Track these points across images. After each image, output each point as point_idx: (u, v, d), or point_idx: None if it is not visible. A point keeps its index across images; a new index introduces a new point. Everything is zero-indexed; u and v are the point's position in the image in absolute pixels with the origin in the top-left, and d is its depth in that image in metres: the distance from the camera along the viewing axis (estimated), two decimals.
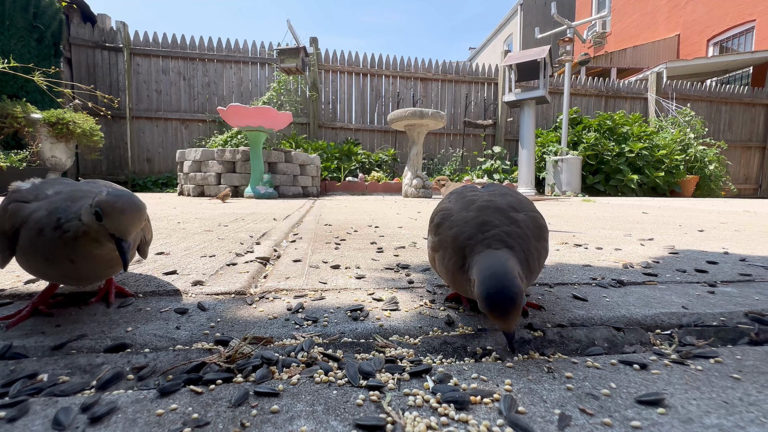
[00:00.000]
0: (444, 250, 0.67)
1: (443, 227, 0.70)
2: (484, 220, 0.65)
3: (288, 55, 6.15)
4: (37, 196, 0.64)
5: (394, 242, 1.51)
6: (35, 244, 0.59)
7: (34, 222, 0.60)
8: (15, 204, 0.63)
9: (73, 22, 7.05)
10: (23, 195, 0.64)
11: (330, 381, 0.48)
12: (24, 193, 0.65)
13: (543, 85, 6.87)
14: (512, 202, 0.70)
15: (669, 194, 8.37)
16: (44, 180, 0.69)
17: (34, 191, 0.65)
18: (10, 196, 0.65)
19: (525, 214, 0.68)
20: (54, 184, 0.68)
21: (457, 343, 0.61)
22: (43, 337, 0.60)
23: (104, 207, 0.54)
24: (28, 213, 0.61)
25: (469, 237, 0.63)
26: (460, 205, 0.72)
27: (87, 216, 0.56)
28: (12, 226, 0.61)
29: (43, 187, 0.66)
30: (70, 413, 0.40)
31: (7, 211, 0.62)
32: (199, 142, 7.64)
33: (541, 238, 0.67)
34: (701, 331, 0.67)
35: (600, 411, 0.42)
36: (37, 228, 0.59)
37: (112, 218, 0.54)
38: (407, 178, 5.71)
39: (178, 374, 0.49)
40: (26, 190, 0.65)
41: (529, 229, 0.65)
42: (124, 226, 0.55)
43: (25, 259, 0.62)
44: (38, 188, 0.66)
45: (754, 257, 1.29)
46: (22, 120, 4.94)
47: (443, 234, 0.68)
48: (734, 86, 9.90)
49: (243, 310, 0.73)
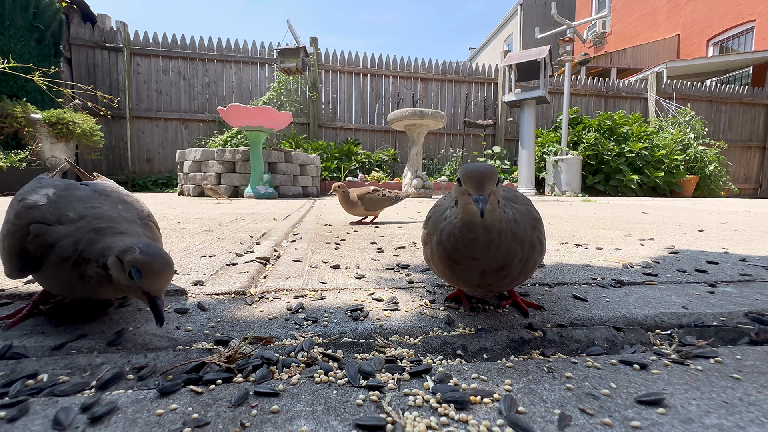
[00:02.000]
0: (430, 236, 0.70)
1: (431, 221, 0.72)
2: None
3: (288, 55, 6.15)
4: (60, 219, 0.62)
5: (394, 242, 1.51)
6: (58, 274, 0.60)
7: (60, 254, 0.59)
8: (38, 226, 0.61)
9: (73, 22, 7.05)
10: (44, 215, 0.62)
11: (330, 381, 0.48)
12: (44, 211, 0.62)
13: (543, 85, 6.87)
14: (509, 196, 0.71)
15: (669, 194, 8.37)
16: (56, 192, 0.67)
17: (54, 211, 0.63)
18: (28, 214, 0.62)
19: (522, 205, 0.70)
20: (70, 200, 0.66)
21: (457, 343, 0.61)
22: (43, 337, 0.60)
23: (142, 269, 0.54)
24: (54, 240, 0.60)
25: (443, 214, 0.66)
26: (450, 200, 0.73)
27: (117, 272, 0.56)
28: (37, 249, 0.60)
29: (60, 205, 0.64)
30: (70, 413, 0.40)
31: (30, 233, 0.60)
32: (199, 142, 7.64)
33: (536, 229, 0.67)
34: (701, 331, 0.67)
35: (600, 411, 0.42)
36: (63, 262, 0.59)
37: (149, 280, 0.54)
38: (407, 178, 5.71)
39: (178, 374, 0.49)
40: (45, 209, 0.63)
41: (524, 216, 0.66)
42: (159, 287, 0.56)
43: (46, 281, 0.63)
44: (56, 206, 0.63)
45: (754, 257, 1.29)
46: (22, 120, 4.95)
47: (431, 227, 0.71)
48: (734, 86, 9.90)
49: (243, 310, 0.73)
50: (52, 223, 0.61)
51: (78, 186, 0.71)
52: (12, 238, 0.62)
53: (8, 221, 0.64)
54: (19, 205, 0.65)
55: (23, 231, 0.61)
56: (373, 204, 2.12)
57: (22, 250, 0.61)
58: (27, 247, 0.60)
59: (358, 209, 2.11)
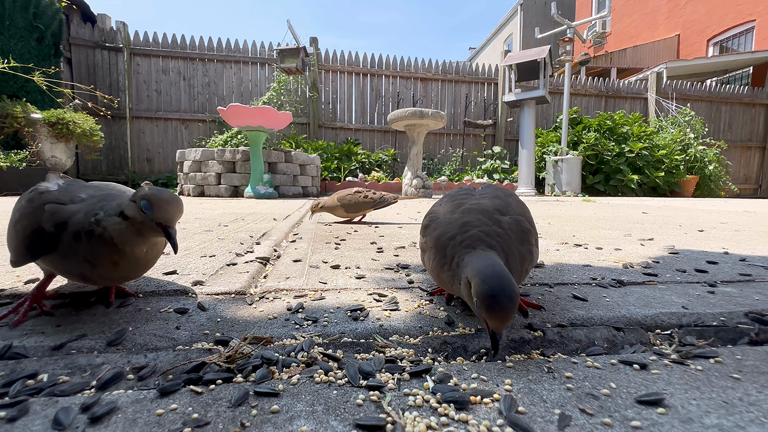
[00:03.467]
0: (429, 250, 0.70)
1: (430, 229, 0.73)
2: (466, 221, 0.67)
3: (288, 55, 6.15)
4: (72, 199, 0.65)
5: (394, 242, 1.51)
6: (75, 247, 0.61)
7: (76, 224, 0.61)
8: (53, 205, 0.63)
9: (73, 22, 7.05)
10: (57, 197, 0.65)
11: (330, 381, 0.48)
12: (57, 194, 0.65)
13: (543, 85, 6.87)
14: (499, 205, 0.72)
15: (669, 194, 8.37)
16: (67, 181, 0.71)
17: (66, 194, 0.66)
18: (41, 197, 0.65)
19: (510, 217, 0.70)
20: (82, 187, 0.69)
21: (457, 343, 0.61)
22: (43, 337, 0.60)
23: (152, 199, 0.59)
24: (67, 216, 0.62)
25: (450, 237, 0.66)
26: (448, 207, 0.75)
27: (132, 209, 0.60)
28: (52, 227, 0.62)
29: (72, 190, 0.67)
30: (70, 413, 0.40)
31: (45, 212, 0.63)
32: (199, 142, 7.64)
33: (526, 242, 0.68)
34: (701, 331, 0.67)
35: (600, 411, 0.42)
36: (80, 230, 0.60)
37: (160, 208, 0.59)
38: (407, 178, 5.70)
39: (178, 374, 0.49)
40: (58, 192, 0.66)
41: (513, 231, 0.67)
42: (171, 215, 0.60)
43: (64, 261, 0.63)
44: (68, 191, 0.67)
45: (754, 257, 1.29)
46: (22, 120, 4.94)
47: (429, 235, 0.72)
48: (734, 86, 9.90)
49: (243, 310, 0.73)
50: (66, 203, 0.64)
51: (83, 181, 0.74)
52: (26, 219, 0.64)
53: (21, 207, 0.66)
54: (31, 194, 0.67)
55: (39, 211, 0.63)
56: (353, 207, 2.10)
57: (37, 229, 0.62)
58: (42, 225, 0.62)
59: (339, 211, 2.11)
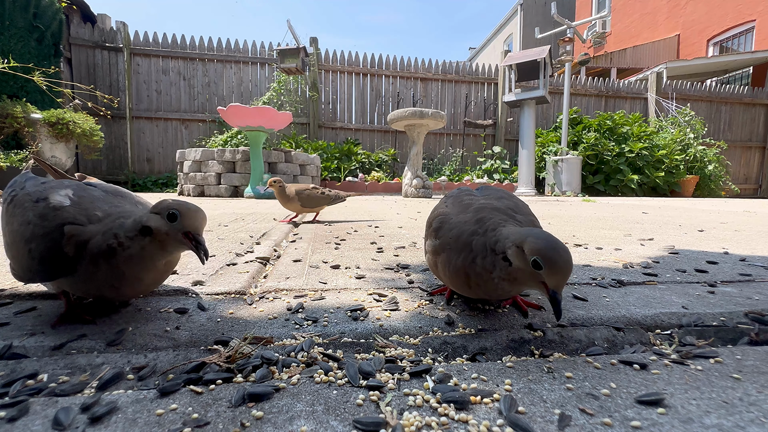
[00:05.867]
0: (448, 252, 0.69)
1: (443, 230, 0.72)
2: (481, 217, 0.68)
3: (288, 55, 6.15)
4: (90, 218, 0.63)
5: (394, 242, 1.51)
6: (96, 271, 0.60)
7: (96, 247, 0.59)
8: (72, 227, 0.61)
9: (73, 22, 7.05)
10: (74, 216, 0.62)
11: (330, 381, 0.48)
12: (73, 213, 0.62)
13: (543, 85, 6.86)
14: (509, 205, 0.73)
15: (669, 194, 8.37)
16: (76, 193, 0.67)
17: (82, 212, 0.63)
18: (57, 215, 0.62)
19: (524, 216, 0.72)
20: (93, 200, 0.66)
21: (457, 343, 0.61)
22: (43, 337, 0.60)
23: (181, 209, 0.61)
24: (88, 237, 0.60)
25: (472, 233, 0.66)
26: (457, 209, 0.75)
27: (156, 221, 0.60)
28: (72, 250, 0.60)
29: (86, 206, 0.64)
30: (70, 413, 0.40)
31: (64, 234, 0.60)
32: (199, 142, 7.64)
33: None
34: (701, 331, 0.67)
35: (600, 411, 0.42)
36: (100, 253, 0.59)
37: (188, 218, 0.61)
38: (407, 178, 5.70)
39: (178, 374, 0.49)
40: (74, 209, 0.63)
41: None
42: (198, 224, 0.62)
43: (83, 284, 0.62)
44: (82, 207, 0.64)
45: (754, 257, 1.29)
46: (22, 120, 4.94)
47: (444, 237, 0.70)
48: (734, 86, 9.90)
49: (243, 310, 0.73)
50: (84, 223, 0.62)
51: (89, 187, 0.70)
52: (43, 241, 0.60)
53: (30, 221, 0.62)
54: (41, 208, 0.63)
55: (56, 233, 0.60)
56: (310, 201, 2.12)
57: (57, 253, 0.59)
58: (64, 249, 0.60)
59: (294, 205, 2.11)
